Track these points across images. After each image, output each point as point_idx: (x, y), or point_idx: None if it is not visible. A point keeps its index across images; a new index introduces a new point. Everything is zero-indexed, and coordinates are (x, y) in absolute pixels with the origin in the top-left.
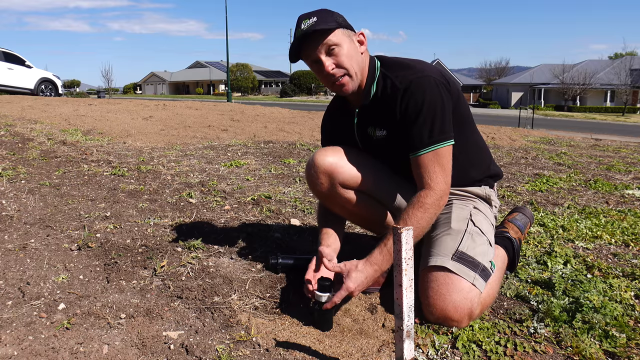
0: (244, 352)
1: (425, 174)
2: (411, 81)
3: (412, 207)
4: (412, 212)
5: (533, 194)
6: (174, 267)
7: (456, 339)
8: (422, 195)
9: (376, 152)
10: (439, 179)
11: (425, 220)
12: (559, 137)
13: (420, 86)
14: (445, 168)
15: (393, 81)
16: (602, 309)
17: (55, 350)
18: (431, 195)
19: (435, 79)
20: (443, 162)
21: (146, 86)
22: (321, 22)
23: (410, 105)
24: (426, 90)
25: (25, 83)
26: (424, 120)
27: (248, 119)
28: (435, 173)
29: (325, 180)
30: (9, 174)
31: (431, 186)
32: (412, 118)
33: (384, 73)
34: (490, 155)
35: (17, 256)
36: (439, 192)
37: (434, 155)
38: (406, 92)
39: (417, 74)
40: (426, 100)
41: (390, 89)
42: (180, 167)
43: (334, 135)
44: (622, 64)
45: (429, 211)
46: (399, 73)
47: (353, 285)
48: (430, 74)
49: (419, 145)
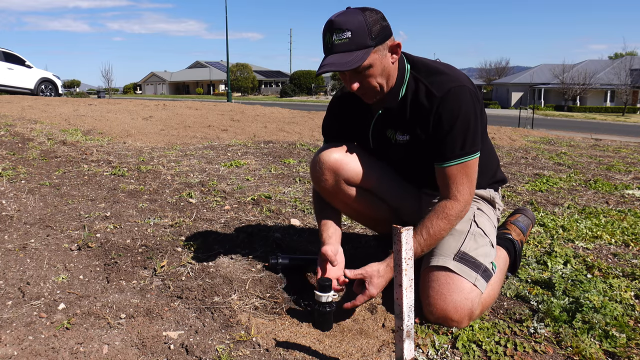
0: (244, 352)
1: (452, 184)
2: (449, 90)
3: (436, 217)
4: (436, 222)
5: (533, 194)
6: (174, 267)
7: (456, 339)
8: (447, 206)
9: (391, 155)
10: (465, 190)
11: (447, 231)
12: (559, 137)
13: (457, 97)
14: (471, 179)
15: (428, 87)
16: (602, 309)
17: (55, 350)
18: (456, 207)
19: (470, 90)
20: (470, 173)
21: (146, 86)
22: (353, 44)
23: (446, 115)
24: (463, 101)
25: (25, 83)
26: (458, 132)
27: (248, 119)
28: (462, 184)
29: (330, 177)
30: (9, 174)
31: (457, 198)
32: (446, 129)
33: (414, 76)
34: (497, 161)
35: (17, 256)
36: (463, 203)
37: (463, 167)
38: (443, 101)
39: (454, 82)
40: (462, 111)
41: (425, 95)
42: (180, 167)
43: (341, 126)
44: (622, 64)
45: (451, 222)
46: (433, 79)
47: (376, 291)
48: (466, 83)
49: (449, 156)
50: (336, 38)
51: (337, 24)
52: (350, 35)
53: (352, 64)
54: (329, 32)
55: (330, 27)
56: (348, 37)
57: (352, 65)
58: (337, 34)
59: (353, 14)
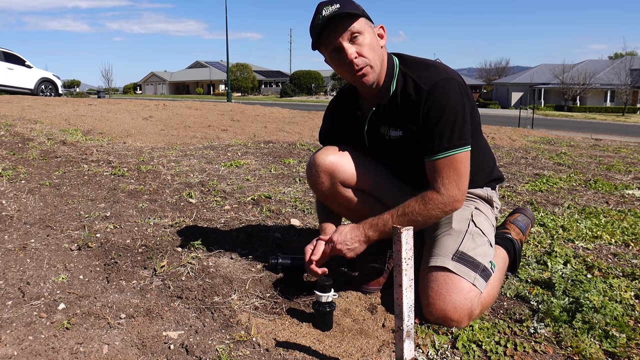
0: (244, 352)
1: (438, 178)
2: (436, 82)
3: (415, 200)
4: (413, 204)
5: (533, 194)
6: (174, 267)
7: (456, 339)
8: (428, 194)
9: (385, 153)
10: (451, 185)
11: (421, 217)
12: (559, 137)
13: (445, 89)
14: (460, 173)
15: (416, 81)
16: (602, 309)
17: (55, 350)
18: (437, 198)
19: (459, 83)
20: (459, 167)
21: (146, 86)
22: (345, 7)
23: (434, 107)
24: (451, 93)
25: (25, 83)
26: (445, 124)
27: (248, 119)
28: (449, 178)
29: (326, 179)
30: (9, 174)
31: (441, 191)
32: (434, 121)
33: (403, 71)
34: (494, 159)
35: (17, 256)
36: (447, 197)
37: (450, 161)
38: (431, 94)
39: (442, 75)
40: (450, 104)
41: (414, 89)
42: (180, 167)
43: (338, 131)
44: (622, 64)
45: (428, 210)
46: (421, 73)
47: (337, 237)
48: (454, 77)
49: (436, 149)
50: (325, 11)
51: (324, 3)
52: (339, 6)
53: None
54: (318, 12)
55: (319, 8)
56: (337, 7)
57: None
58: (327, 8)
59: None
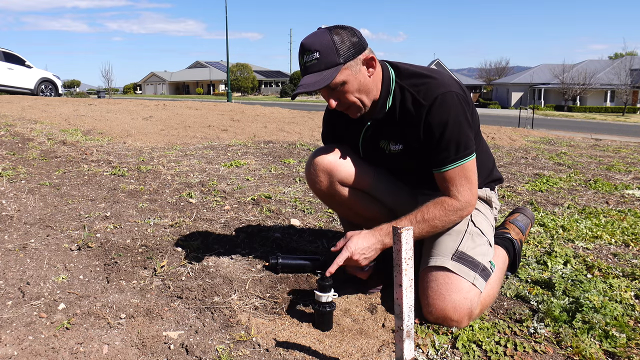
0: (244, 352)
1: (452, 186)
2: (436, 98)
3: (434, 205)
4: (432, 209)
5: (533, 194)
6: (174, 267)
7: (456, 339)
8: (446, 200)
9: (387, 165)
10: (465, 190)
11: (440, 222)
12: (559, 137)
13: (445, 103)
14: (470, 180)
15: (415, 96)
16: (602, 309)
17: (55, 350)
18: (454, 203)
19: (458, 94)
20: (469, 174)
21: (146, 86)
22: (322, 63)
23: (435, 122)
24: (451, 107)
25: (25, 83)
26: (450, 138)
27: (248, 119)
28: (462, 185)
29: (325, 179)
30: (9, 174)
31: (457, 197)
32: (438, 136)
33: (400, 84)
34: (493, 160)
35: (17, 256)
36: (463, 202)
37: (461, 170)
38: (432, 109)
39: (440, 89)
40: (451, 117)
41: (412, 103)
42: (180, 167)
43: (336, 133)
44: (622, 64)
45: (447, 215)
46: (419, 87)
47: (353, 247)
48: (452, 88)
49: (446, 161)
50: (307, 60)
51: (306, 46)
52: (318, 56)
53: (320, 84)
54: (300, 55)
55: (301, 50)
56: (316, 57)
57: (320, 84)
58: (307, 56)
59: (320, 35)
